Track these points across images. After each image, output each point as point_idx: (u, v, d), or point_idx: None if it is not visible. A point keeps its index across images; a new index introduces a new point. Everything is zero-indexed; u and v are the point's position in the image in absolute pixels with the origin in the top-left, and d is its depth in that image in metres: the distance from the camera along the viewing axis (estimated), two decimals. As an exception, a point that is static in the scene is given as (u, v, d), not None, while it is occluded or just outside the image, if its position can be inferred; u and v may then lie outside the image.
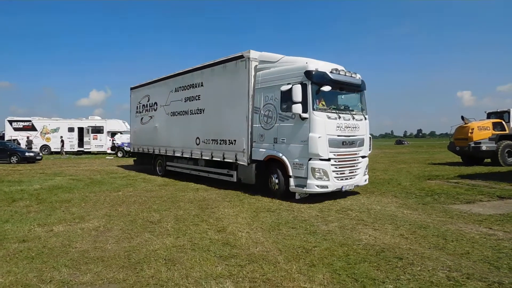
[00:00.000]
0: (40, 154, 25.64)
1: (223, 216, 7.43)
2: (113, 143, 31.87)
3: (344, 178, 9.04)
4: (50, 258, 4.88)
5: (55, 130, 33.57)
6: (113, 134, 32.98)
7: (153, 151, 15.62)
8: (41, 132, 33.36)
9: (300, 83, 8.57)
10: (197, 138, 12.52)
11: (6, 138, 32.10)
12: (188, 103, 13.13)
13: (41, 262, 4.73)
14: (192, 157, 12.81)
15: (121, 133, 32.67)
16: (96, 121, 34.66)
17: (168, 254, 5.03)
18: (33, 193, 10.42)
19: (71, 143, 33.50)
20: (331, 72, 8.91)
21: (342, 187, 8.90)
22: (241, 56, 10.46)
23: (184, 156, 13.31)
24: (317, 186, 8.50)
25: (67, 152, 32.23)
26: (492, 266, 4.57)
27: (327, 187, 8.58)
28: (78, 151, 33.75)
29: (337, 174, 8.85)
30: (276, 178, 9.45)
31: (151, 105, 15.99)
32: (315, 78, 8.60)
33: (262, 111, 9.81)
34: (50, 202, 8.98)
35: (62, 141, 31.66)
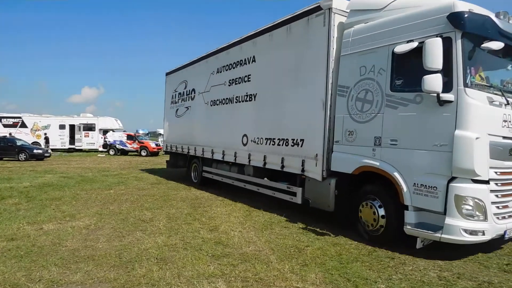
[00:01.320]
0: (49, 151, 24.86)
1: (216, 215, 7.40)
2: (105, 141, 31.56)
3: (508, 216, 5.05)
4: (39, 257, 4.80)
5: (46, 127, 33.08)
6: (105, 131, 32.65)
7: (188, 151, 12.03)
8: (31, 129, 32.89)
9: (440, 36, 4.77)
10: (244, 135, 8.82)
11: None
12: (233, 88, 9.44)
13: (30, 261, 4.65)
14: (236, 162, 9.15)
15: (113, 130, 32.37)
16: (88, 118, 34.27)
17: (160, 253, 4.99)
18: (22, 190, 10.25)
19: (62, 141, 33.07)
20: (497, 17, 5.07)
21: (505, 232, 4.93)
22: (317, 9, 6.76)
23: (225, 160, 9.71)
24: (466, 231, 4.63)
25: (57, 150, 31.81)
26: (482, 266, 4.62)
27: (483, 234, 4.70)
28: (69, 148, 33.36)
29: (499, 208, 4.93)
30: (378, 207, 5.61)
31: (188, 92, 12.39)
32: (471, 27, 4.76)
33: (353, 92, 6.08)
34: (40, 200, 8.85)
35: (46, 138, 31.11)
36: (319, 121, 6.59)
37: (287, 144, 7.50)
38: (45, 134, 31.71)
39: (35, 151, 22.84)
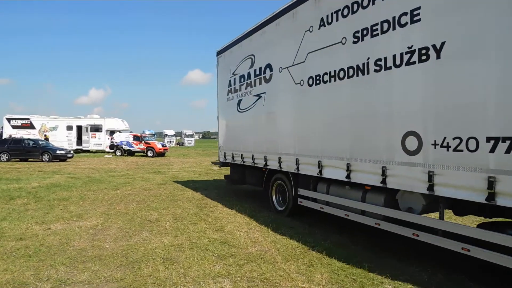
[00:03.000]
0: (71, 152, 24.72)
1: (222, 215, 7.41)
2: (112, 142, 31.79)
3: None
4: (47, 257, 4.86)
5: (54, 128, 33.44)
6: (112, 132, 32.90)
7: (265, 163, 7.84)
8: (39, 130, 33.25)
9: None
10: (411, 135, 4.53)
11: (4, 136, 31.98)
12: (366, 44, 5.18)
13: (38, 261, 4.70)
14: (387, 185, 4.84)
15: (120, 131, 32.60)
16: (95, 119, 34.55)
17: (166, 253, 5.01)
18: (31, 191, 10.38)
19: (70, 142, 33.36)
20: None
21: None
22: None
23: (352, 180, 5.45)
24: None
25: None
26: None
27: None
28: (76, 149, 33.65)
29: None
30: None
31: (257, 72, 8.13)
32: None
33: None
34: (48, 200, 8.95)
35: (46, 139, 31.25)
36: None
37: None
38: (45, 135, 31.86)
39: (58, 152, 22.87)
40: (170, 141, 58.14)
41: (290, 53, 6.82)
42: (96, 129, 33.76)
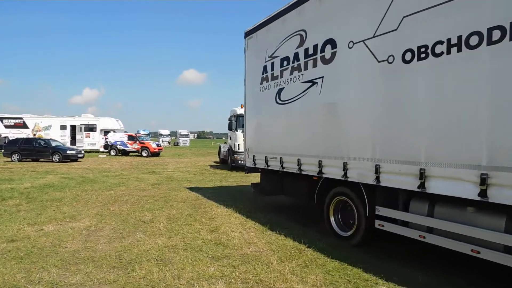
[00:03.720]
0: (82, 151, 24.19)
1: (216, 216, 7.39)
2: (106, 141, 31.59)
3: None
4: (39, 258, 4.79)
5: (47, 127, 33.14)
6: (106, 132, 32.68)
7: (320, 170, 6.06)
8: (32, 130, 32.94)
9: None
10: None
11: None
12: None
13: (30, 263, 4.64)
14: None
15: (114, 131, 32.39)
16: (89, 119, 34.29)
17: (160, 254, 4.97)
18: (23, 191, 10.26)
19: (64, 141, 33.06)
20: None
21: None
22: None
23: (492, 201, 3.52)
24: None
25: None
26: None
27: None
28: (70, 149, 33.39)
29: None
30: None
31: (312, 52, 6.34)
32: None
33: None
34: (40, 201, 8.85)
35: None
36: None
37: None
38: (34, 135, 31.38)
39: (68, 152, 22.23)
40: (163, 141, 57.47)
41: (369, 20, 5.00)
42: (90, 128, 33.50)
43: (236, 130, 16.94)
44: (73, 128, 33.55)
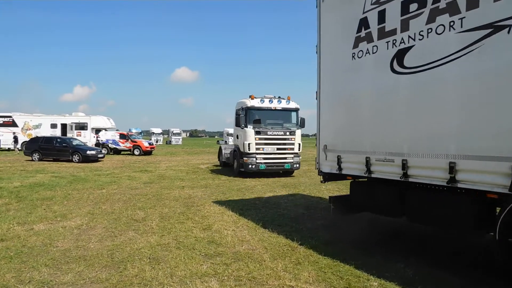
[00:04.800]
0: (103, 151, 22.91)
1: (209, 214, 7.37)
2: (97, 140, 31.27)
3: None
4: (29, 258, 4.74)
5: (37, 126, 32.67)
6: (97, 131, 32.34)
7: None
8: (22, 128, 32.46)
9: None
10: None
11: None
12: None
13: (20, 262, 4.58)
14: None
15: (105, 129, 32.08)
16: (80, 117, 33.88)
17: (152, 253, 4.95)
18: (13, 190, 10.11)
19: (85, 139, 32.49)
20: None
21: None
22: None
23: None
24: None
25: None
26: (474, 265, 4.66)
27: None
28: (61, 147, 32.97)
29: None
30: None
31: None
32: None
33: None
34: (30, 200, 8.73)
35: (15, 137, 30.29)
36: None
37: None
38: (14, 133, 30.76)
39: (88, 152, 21.03)
40: (157, 140, 56.82)
41: None
42: (81, 127, 33.10)
43: (246, 126, 13.92)
44: (63, 126, 33.13)
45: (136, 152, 28.36)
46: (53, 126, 32.90)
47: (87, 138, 32.93)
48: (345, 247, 5.27)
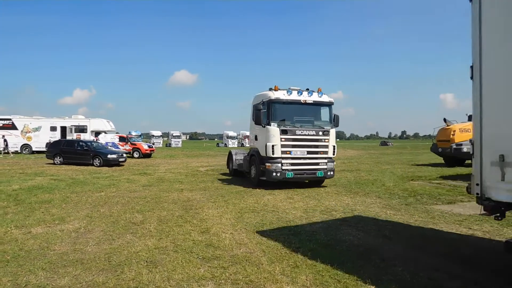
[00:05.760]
0: (124, 155, 21.40)
1: (207, 217, 7.36)
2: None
3: None
4: (26, 261, 4.73)
5: (37, 129, 32.69)
6: (97, 133, 32.34)
7: None
8: (21, 131, 32.47)
9: None
10: None
11: None
12: None
13: (16, 266, 4.57)
14: None
15: (105, 132, 32.09)
16: (79, 120, 33.92)
17: (150, 256, 4.94)
18: (11, 193, 10.11)
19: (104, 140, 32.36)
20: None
21: None
22: None
23: None
24: None
25: (40, 152, 30.75)
26: (470, 265, 4.65)
27: None
28: (60, 150, 32.92)
29: None
30: None
31: None
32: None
33: None
34: (29, 203, 8.73)
35: (5, 140, 30.00)
36: None
37: None
38: (3, 136, 30.33)
39: (109, 156, 19.91)
40: (154, 143, 56.24)
41: None
42: (81, 130, 33.12)
43: (269, 124, 11.11)
44: (63, 129, 33.16)
45: (136, 154, 28.37)
46: (53, 128, 32.93)
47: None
48: (343, 249, 5.26)
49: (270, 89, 11.55)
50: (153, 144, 54.56)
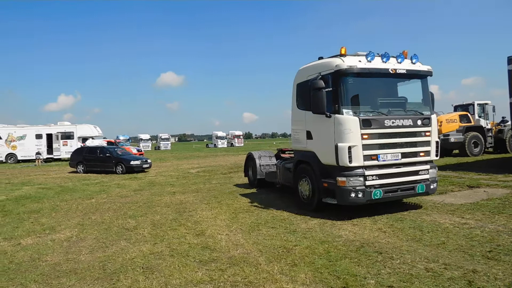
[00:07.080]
0: (148, 161, 20.02)
1: (202, 219, 7.29)
2: (84, 149, 30.76)
3: None
4: (17, 274, 4.59)
5: (22, 137, 31.98)
6: (84, 139, 31.82)
7: None
8: (6, 140, 31.73)
9: None
10: None
11: None
12: None
13: (7, 279, 4.43)
14: None
15: (92, 138, 31.58)
16: (65, 126, 33.31)
17: (145, 262, 4.85)
18: (-2, 205, 9.84)
19: (40, 151, 31.98)
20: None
21: None
22: None
23: None
24: None
25: (34, 160, 30.52)
26: (466, 254, 4.70)
27: None
28: (47, 158, 32.33)
29: None
30: None
31: None
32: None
33: None
34: (17, 214, 8.51)
35: None
36: None
37: None
38: (8, 145, 29.70)
39: (132, 162, 18.56)
40: (143, 146, 55.67)
41: None
42: (68, 136, 32.54)
43: (340, 112, 6.73)
44: (49, 136, 32.53)
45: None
46: (38, 136, 32.28)
47: (74, 147, 32.38)
48: (340, 244, 5.26)
49: (336, 56, 7.13)
50: (159, 147, 53.65)
